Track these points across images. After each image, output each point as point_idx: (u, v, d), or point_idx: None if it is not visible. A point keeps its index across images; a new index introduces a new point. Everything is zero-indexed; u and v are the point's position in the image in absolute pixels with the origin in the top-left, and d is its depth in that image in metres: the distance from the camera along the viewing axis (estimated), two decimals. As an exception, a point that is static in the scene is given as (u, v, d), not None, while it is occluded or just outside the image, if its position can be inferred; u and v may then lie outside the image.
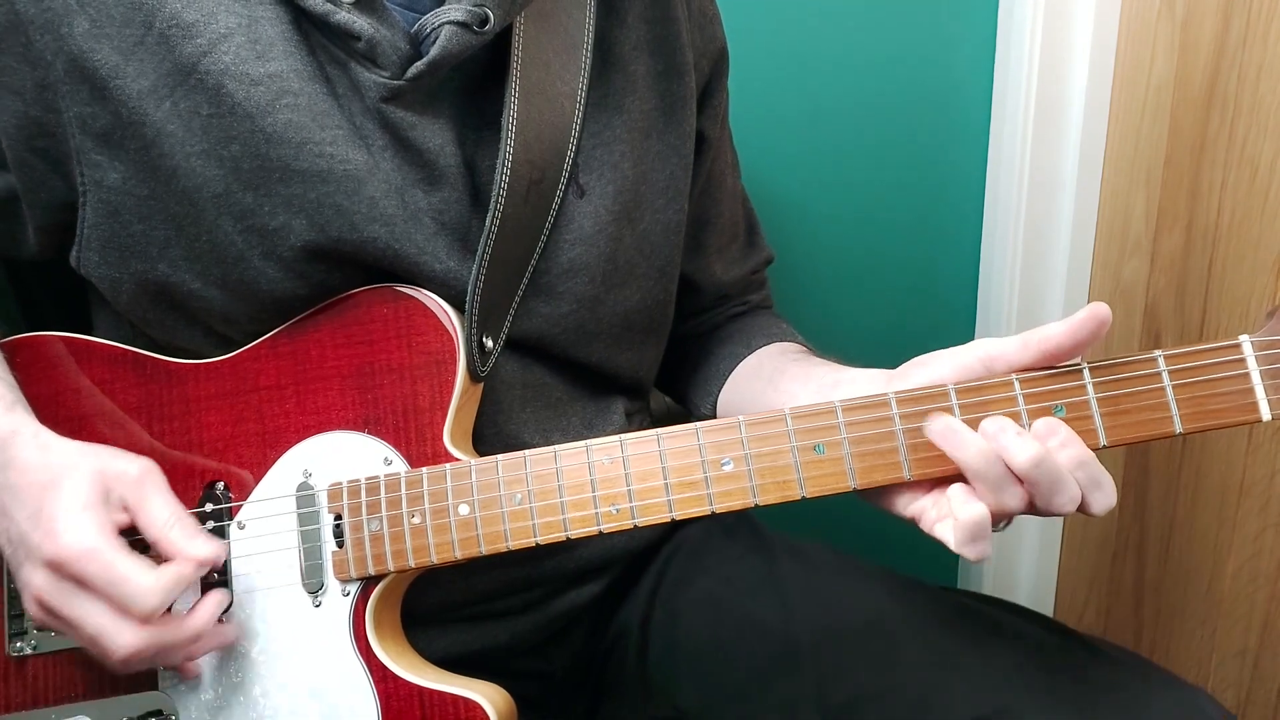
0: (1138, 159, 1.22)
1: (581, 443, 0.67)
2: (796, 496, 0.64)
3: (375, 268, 0.72)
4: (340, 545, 0.70)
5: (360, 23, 0.68)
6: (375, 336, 0.72)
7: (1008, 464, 0.60)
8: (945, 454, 0.62)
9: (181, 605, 0.68)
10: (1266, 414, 0.61)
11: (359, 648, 0.69)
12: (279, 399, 0.72)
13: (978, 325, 1.39)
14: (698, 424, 0.66)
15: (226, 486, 0.72)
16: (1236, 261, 1.10)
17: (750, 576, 0.83)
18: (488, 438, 0.76)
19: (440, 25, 0.70)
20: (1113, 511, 0.63)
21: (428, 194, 0.73)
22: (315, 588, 0.70)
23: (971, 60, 1.27)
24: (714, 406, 0.90)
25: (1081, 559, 1.42)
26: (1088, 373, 0.62)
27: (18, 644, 0.73)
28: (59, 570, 0.63)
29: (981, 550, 0.60)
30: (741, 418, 0.65)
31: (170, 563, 0.65)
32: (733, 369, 0.89)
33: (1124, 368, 0.62)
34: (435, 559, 0.68)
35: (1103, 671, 0.71)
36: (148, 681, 0.71)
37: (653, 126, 0.81)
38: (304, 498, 0.71)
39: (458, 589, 0.77)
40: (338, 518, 0.70)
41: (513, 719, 0.71)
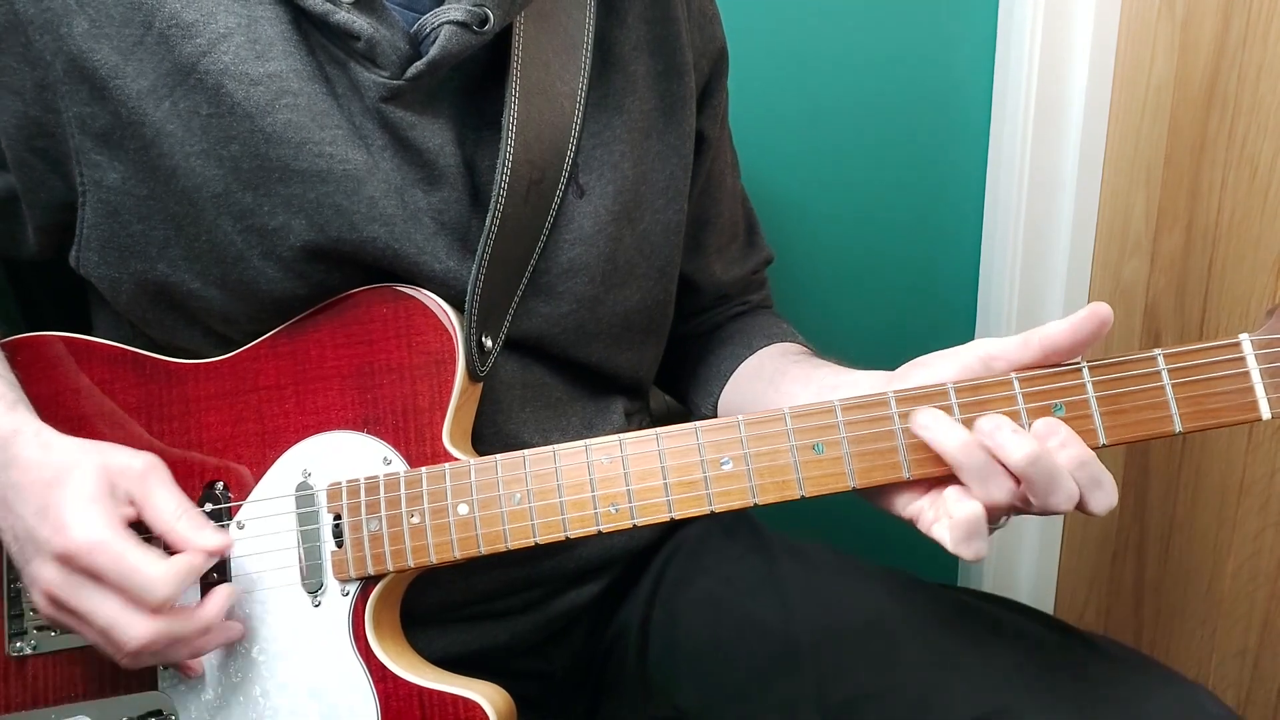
0: (1138, 159, 1.22)
1: (580, 442, 0.67)
2: (796, 496, 0.64)
3: (375, 268, 0.72)
4: (339, 545, 0.69)
5: (360, 22, 0.68)
6: (375, 336, 0.72)
7: (1004, 462, 0.60)
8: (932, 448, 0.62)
9: (185, 604, 0.68)
10: (1266, 413, 0.60)
11: (358, 648, 0.69)
12: (278, 399, 0.72)
13: (978, 325, 1.39)
14: (697, 423, 0.65)
15: (226, 486, 0.72)
16: (1236, 261, 1.10)
17: (750, 576, 0.83)
18: (487, 438, 0.76)
19: (440, 25, 0.70)
20: (1113, 511, 0.63)
21: (427, 194, 0.73)
22: (314, 588, 0.70)
23: (971, 60, 1.27)
24: (715, 407, 0.90)
25: (1081, 559, 1.42)
26: (1087, 372, 0.62)
27: (18, 644, 0.73)
28: (69, 563, 0.63)
29: (977, 549, 0.60)
30: (740, 417, 0.65)
31: (181, 554, 0.65)
32: (734, 369, 0.89)
33: (1123, 367, 0.61)
34: (434, 559, 0.68)
35: (1103, 668, 0.71)
36: (148, 681, 0.72)
37: (652, 127, 0.81)
38: (303, 497, 0.71)
39: (457, 589, 0.78)
40: (337, 518, 0.70)
41: (512, 719, 0.71)
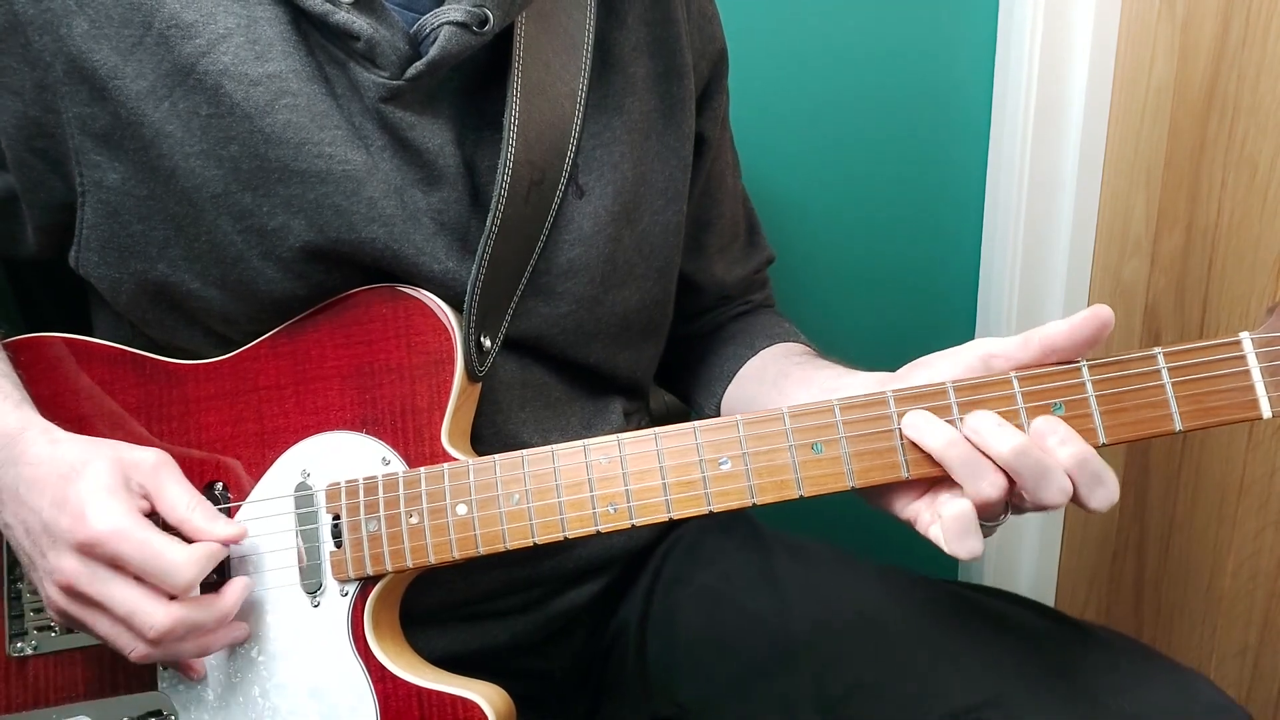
0: (1138, 160, 1.22)
1: (579, 442, 0.67)
2: (794, 496, 0.64)
3: (374, 268, 0.72)
4: (338, 545, 0.69)
5: (359, 23, 0.68)
6: (374, 336, 0.72)
7: (990, 456, 0.60)
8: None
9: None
10: (1267, 411, 0.60)
11: (357, 648, 0.69)
12: (278, 399, 0.72)
13: (978, 325, 1.39)
14: (695, 423, 0.65)
15: (225, 486, 0.72)
16: (1236, 262, 1.10)
17: (747, 572, 0.83)
18: (486, 438, 0.76)
19: (439, 25, 0.70)
20: (1113, 510, 0.63)
21: (427, 194, 0.73)
22: (314, 588, 0.70)
23: (971, 60, 1.27)
24: (718, 407, 0.90)
25: (1081, 558, 1.42)
26: (1087, 371, 0.61)
27: (18, 644, 0.73)
28: (90, 552, 0.63)
29: (971, 548, 0.60)
30: (739, 417, 0.65)
31: (199, 542, 0.66)
32: (736, 370, 0.89)
33: (1123, 365, 0.61)
34: (433, 559, 0.68)
35: (1099, 657, 0.72)
36: (148, 682, 0.72)
37: (652, 128, 0.81)
38: (302, 498, 0.71)
39: (457, 589, 0.77)
40: (336, 518, 0.70)
41: (512, 719, 0.71)
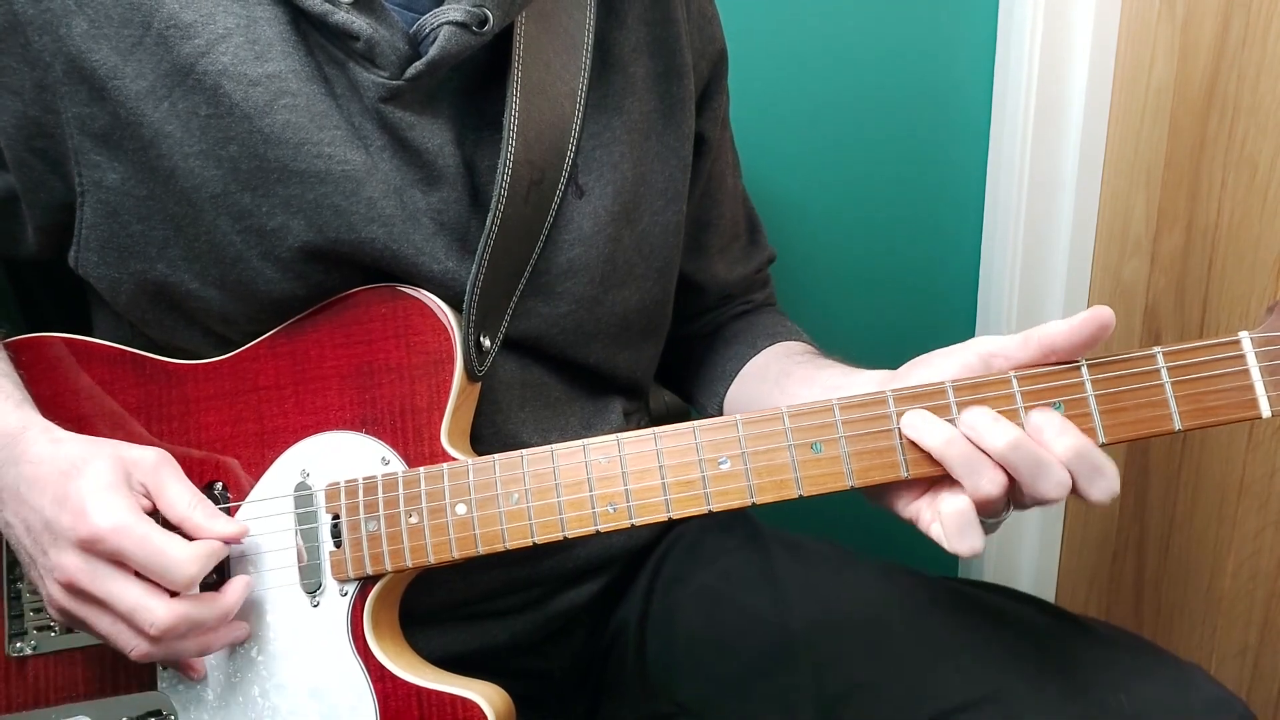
0: (1138, 160, 1.22)
1: (579, 442, 0.67)
2: (794, 495, 0.64)
3: (373, 268, 0.72)
4: (338, 545, 0.69)
5: (359, 23, 0.68)
6: (374, 336, 0.72)
7: (986, 450, 0.60)
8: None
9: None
10: (1266, 410, 0.60)
11: (357, 648, 0.69)
12: (277, 399, 0.72)
13: (978, 325, 1.39)
14: (694, 423, 0.65)
15: (225, 486, 0.72)
16: (1236, 261, 1.10)
17: (746, 570, 0.83)
18: (486, 437, 0.76)
19: (439, 25, 0.70)
20: (1113, 510, 0.63)
21: (426, 194, 0.73)
22: (313, 588, 0.70)
23: (971, 60, 1.27)
24: (720, 407, 0.90)
25: (1081, 558, 1.42)
26: (1086, 370, 0.61)
27: (18, 644, 0.73)
28: (92, 549, 0.64)
29: (971, 544, 0.60)
30: (739, 417, 0.65)
31: (201, 539, 0.66)
32: (739, 369, 0.90)
33: (1123, 364, 0.61)
34: (433, 559, 0.68)
35: (1097, 651, 0.72)
36: (147, 681, 0.72)
37: (652, 128, 0.81)
38: (302, 498, 0.71)
39: (456, 589, 0.78)
40: (335, 518, 0.70)
41: (511, 718, 0.71)
